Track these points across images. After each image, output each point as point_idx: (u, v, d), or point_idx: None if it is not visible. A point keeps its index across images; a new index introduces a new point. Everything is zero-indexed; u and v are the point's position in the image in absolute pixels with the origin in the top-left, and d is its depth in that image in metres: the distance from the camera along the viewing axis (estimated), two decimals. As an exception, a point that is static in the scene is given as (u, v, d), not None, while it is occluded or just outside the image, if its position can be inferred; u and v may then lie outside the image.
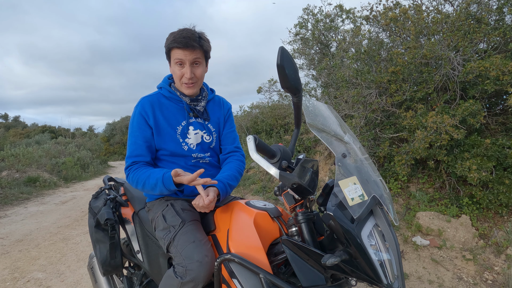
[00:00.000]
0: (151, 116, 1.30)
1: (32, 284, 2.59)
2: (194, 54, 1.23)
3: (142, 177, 1.22)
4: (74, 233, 3.99)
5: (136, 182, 1.24)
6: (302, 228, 1.00)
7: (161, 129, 1.31)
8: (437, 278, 2.56)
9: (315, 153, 5.22)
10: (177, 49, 1.22)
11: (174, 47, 1.22)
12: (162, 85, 1.39)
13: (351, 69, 4.19)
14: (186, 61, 1.23)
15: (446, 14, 3.55)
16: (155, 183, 1.18)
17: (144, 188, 1.23)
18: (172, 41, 1.22)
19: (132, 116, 1.34)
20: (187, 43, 1.20)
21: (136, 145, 1.29)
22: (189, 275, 1.05)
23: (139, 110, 1.31)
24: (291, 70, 0.89)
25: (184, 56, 1.22)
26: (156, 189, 1.19)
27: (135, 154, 1.28)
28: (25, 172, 8.44)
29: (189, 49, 1.21)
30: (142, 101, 1.32)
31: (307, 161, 0.99)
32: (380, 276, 0.82)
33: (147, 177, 1.21)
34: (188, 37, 1.20)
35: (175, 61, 1.25)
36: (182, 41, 1.19)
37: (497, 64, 2.77)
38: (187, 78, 1.26)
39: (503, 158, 2.96)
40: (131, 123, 1.33)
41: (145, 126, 1.30)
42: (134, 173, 1.24)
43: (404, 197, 3.71)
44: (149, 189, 1.21)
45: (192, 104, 1.36)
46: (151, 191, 1.22)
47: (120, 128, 29.74)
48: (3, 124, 34.53)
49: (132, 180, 1.25)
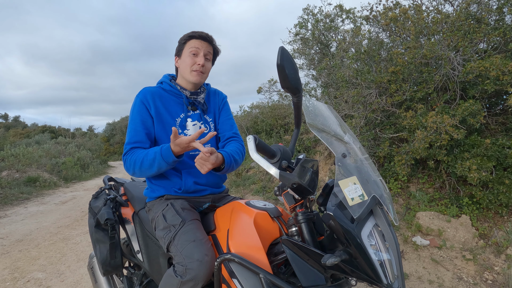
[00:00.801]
0: (152, 105, 1.33)
1: (32, 284, 2.59)
2: (209, 48, 1.38)
3: (140, 156, 1.22)
4: (74, 233, 3.99)
5: (133, 164, 1.23)
6: (302, 228, 1.00)
7: (161, 117, 1.34)
8: (437, 278, 2.56)
9: (315, 153, 5.22)
10: (195, 40, 1.35)
11: (193, 37, 1.35)
12: (163, 80, 1.44)
13: (351, 69, 4.19)
14: (201, 50, 1.35)
15: (446, 14, 3.55)
16: (153, 158, 1.18)
17: (141, 167, 1.21)
18: (191, 32, 1.36)
19: (133, 105, 1.35)
20: (206, 36, 1.36)
21: (135, 132, 1.30)
22: (189, 274, 1.05)
23: (141, 98, 1.33)
24: (291, 70, 0.89)
25: (200, 46, 1.35)
26: (154, 165, 1.18)
27: (134, 140, 1.29)
28: (25, 172, 8.44)
29: (206, 42, 1.36)
30: (143, 91, 1.36)
31: (307, 161, 0.99)
32: (380, 276, 0.82)
33: (145, 155, 1.21)
34: (206, 33, 1.37)
35: (190, 50, 1.34)
36: (202, 34, 1.35)
37: (497, 64, 2.77)
38: (199, 65, 1.34)
39: (503, 158, 2.96)
40: (132, 111, 1.34)
41: (146, 113, 1.32)
42: (131, 155, 1.25)
43: (404, 197, 3.71)
44: (146, 166, 1.20)
45: (192, 97, 1.41)
46: (148, 170, 1.21)
47: (120, 128, 29.73)
48: (3, 124, 34.53)
49: (129, 163, 1.24)
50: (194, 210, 1.31)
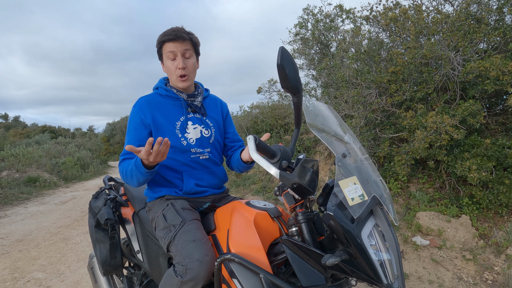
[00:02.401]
0: (149, 114, 1.31)
1: (32, 284, 2.59)
2: (184, 45, 1.30)
3: (124, 167, 1.24)
4: (74, 233, 3.99)
5: (122, 175, 1.26)
6: (302, 228, 1.00)
7: (159, 126, 1.32)
8: (437, 278, 2.56)
9: (315, 153, 5.22)
10: (168, 42, 1.30)
11: (165, 41, 1.30)
12: (158, 85, 1.43)
13: (351, 69, 4.19)
14: (177, 52, 1.30)
15: (446, 14, 3.55)
16: (131, 169, 1.19)
17: (126, 178, 1.24)
18: (162, 35, 1.30)
19: (130, 116, 1.36)
20: (177, 34, 1.28)
21: (129, 143, 1.29)
22: (189, 274, 1.05)
23: (136, 109, 1.33)
24: (291, 70, 0.89)
25: (175, 47, 1.29)
26: (134, 176, 1.19)
27: (126, 152, 1.29)
28: (25, 172, 8.44)
29: (179, 40, 1.29)
30: (139, 101, 1.35)
31: (307, 161, 0.99)
32: (380, 276, 0.82)
33: (127, 166, 1.22)
34: (177, 30, 1.29)
35: (167, 55, 1.31)
36: (172, 34, 1.28)
37: (497, 64, 2.77)
38: (180, 70, 1.31)
39: (503, 158, 2.96)
40: (129, 123, 1.35)
41: (141, 126, 1.31)
42: (121, 167, 1.27)
43: (404, 197, 3.71)
44: (129, 177, 1.22)
45: (189, 100, 1.39)
46: (132, 180, 1.22)
47: (120, 128, 29.73)
48: (3, 124, 34.52)
49: (121, 174, 1.27)
50: (194, 210, 1.31)
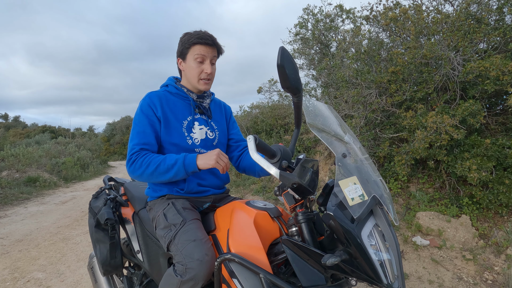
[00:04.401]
0: (159, 108, 1.31)
1: (32, 284, 2.59)
2: (214, 53, 1.33)
3: (156, 159, 1.20)
4: (74, 233, 3.99)
5: (145, 165, 1.20)
6: (302, 228, 1.00)
7: (168, 121, 1.32)
8: (437, 278, 2.56)
9: (315, 153, 5.22)
10: (201, 46, 1.29)
11: (199, 43, 1.29)
12: (168, 83, 1.43)
13: (351, 69, 4.19)
14: (208, 57, 1.31)
15: (446, 14, 3.55)
16: (174, 163, 1.17)
17: (156, 170, 1.19)
18: (198, 37, 1.28)
19: (138, 108, 1.33)
20: (213, 41, 1.30)
21: (144, 134, 1.27)
22: (189, 273, 1.05)
23: (147, 102, 1.32)
24: (291, 70, 0.89)
25: (207, 52, 1.30)
26: (172, 170, 1.17)
27: (144, 142, 1.26)
28: (25, 172, 8.44)
29: (212, 47, 1.31)
30: (149, 94, 1.35)
31: (307, 161, 0.99)
32: (380, 276, 0.82)
33: (163, 159, 1.19)
34: (211, 36, 1.31)
35: (196, 57, 1.30)
36: (208, 39, 1.29)
37: (497, 64, 2.77)
38: (206, 74, 1.32)
39: (503, 158, 2.96)
40: (138, 114, 1.31)
41: (154, 116, 1.30)
42: (145, 157, 1.22)
43: (404, 197, 3.71)
44: (162, 170, 1.19)
45: (198, 101, 1.40)
46: (161, 174, 1.20)
47: (120, 128, 29.70)
48: (3, 124, 34.51)
49: (139, 164, 1.21)
50: (195, 209, 1.32)
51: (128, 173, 1.27)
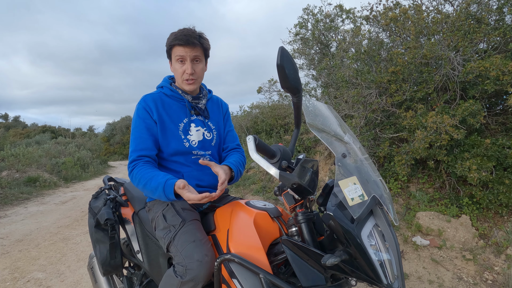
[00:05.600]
0: (155, 111, 1.31)
1: (32, 284, 2.59)
2: (195, 51, 1.28)
3: (145, 177, 1.20)
4: (74, 233, 3.99)
5: (138, 180, 1.22)
6: (302, 228, 1.00)
7: (164, 124, 1.32)
8: (437, 278, 2.56)
9: (315, 153, 5.22)
10: (178, 46, 1.27)
11: (175, 45, 1.27)
12: (163, 84, 1.42)
13: (351, 69, 4.19)
14: (187, 57, 1.28)
15: (446, 14, 3.55)
16: (156, 187, 1.16)
17: (144, 188, 1.21)
18: (173, 39, 1.27)
19: (135, 112, 1.33)
20: (188, 40, 1.25)
21: (141, 139, 1.27)
22: (189, 274, 1.05)
23: (143, 105, 1.31)
24: (291, 70, 0.89)
25: (185, 52, 1.27)
26: (156, 193, 1.17)
27: (141, 147, 1.26)
28: (25, 172, 8.44)
29: (189, 46, 1.26)
30: (144, 98, 1.34)
31: (307, 161, 0.99)
32: (380, 276, 0.82)
33: (150, 179, 1.19)
34: (189, 34, 1.26)
35: (176, 58, 1.29)
36: (183, 39, 1.25)
37: (497, 64, 2.77)
38: (188, 74, 1.30)
39: (503, 158, 2.96)
40: (135, 119, 1.32)
41: (150, 120, 1.30)
42: (139, 170, 1.22)
43: (404, 197, 3.71)
44: (149, 191, 1.20)
45: (193, 102, 1.39)
46: (150, 194, 1.22)
47: (120, 128, 29.69)
48: (3, 124, 34.48)
49: (135, 177, 1.23)
50: (194, 210, 1.31)
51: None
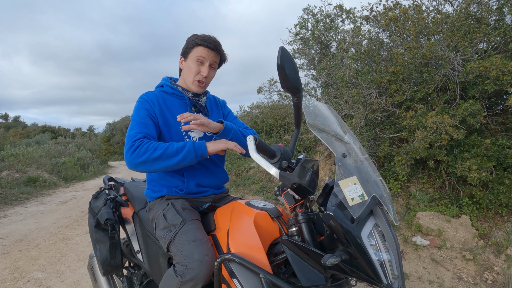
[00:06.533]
0: (157, 106, 1.31)
1: (32, 284, 2.59)
2: (216, 58, 1.35)
3: (163, 144, 1.17)
4: (74, 233, 3.99)
5: (152, 149, 1.14)
6: (302, 228, 1.00)
7: (166, 121, 1.32)
8: (437, 278, 2.56)
9: (315, 153, 5.22)
10: (203, 48, 1.31)
11: (201, 45, 1.31)
12: (163, 83, 1.42)
13: (351, 69, 4.19)
14: (207, 60, 1.32)
15: (446, 14, 3.56)
16: (182, 146, 1.16)
17: (163, 154, 1.14)
18: (201, 39, 1.31)
19: (136, 105, 1.31)
20: (216, 46, 1.32)
21: (145, 125, 1.24)
22: (189, 274, 1.05)
23: (145, 99, 1.31)
24: (291, 70, 0.89)
25: (207, 55, 1.32)
26: (181, 152, 1.15)
27: (146, 131, 1.22)
28: (25, 172, 8.44)
29: (214, 51, 1.33)
30: (146, 93, 1.34)
31: (307, 161, 0.99)
32: (380, 276, 0.82)
33: (171, 143, 1.17)
34: (216, 41, 1.33)
35: (197, 57, 1.31)
36: (212, 43, 1.31)
37: (497, 64, 2.77)
38: (202, 76, 1.33)
39: (503, 158, 2.96)
40: (137, 108, 1.29)
41: (152, 111, 1.29)
42: (150, 143, 1.16)
43: (404, 197, 3.71)
44: (170, 153, 1.14)
45: (194, 99, 1.40)
46: (168, 158, 1.14)
47: (120, 128, 29.71)
48: (3, 124, 34.48)
49: (145, 149, 1.14)
50: (195, 210, 1.31)
51: (127, 162, 1.16)
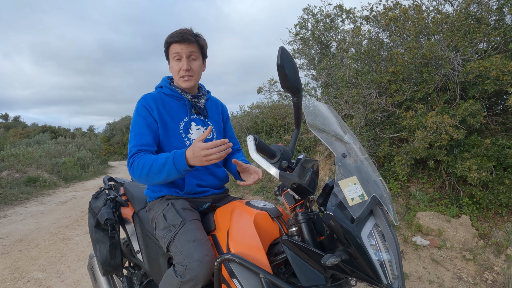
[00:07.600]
0: (155, 109, 1.31)
1: (32, 284, 2.59)
2: (190, 48, 1.31)
3: (149, 160, 1.15)
4: (74, 233, 3.99)
5: (141, 168, 1.15)
6: (302, 228, 1.00)
7: (165, 123, 1.32)
8: (437, 278, 2.56)
9: (315, 153, 5.22)
10: (174, 44, 1.30)
11: (172, 42, 1.31)
12: (162, 84, 1.42)
13: (351, 69, 4.19)
14: (183, 54, 1.31)
15: (446, 14, 3.55)
16: (164, 163, 1.11)
17: (149, 172, 1.14)
18: (169, 37, 1.31)
19: (135, 110, 1.32)
20: (183, 37, 1.28)
21: (141, 135, 1.26)
22: (189, 274, 1.05)
23: (143, 103, 1.31)
24: (291, 70, 0.89)
25: (180, 49, 1.30)
26: (164, 170, 1.11)
27: (141, 143, 1.24)
28: (25, 172, 8.44)
29: (185, 42, 1.29)
30: (144, 97, 1.34)
31: (307, 161, 0.99)
32: (380, 276, 0.82)
33: (155, 159, 1.14)
34: (184, 32, 1.30)
35: (173, 55, 1.32)
36: (179, 36, 1.28)
37: (497, 64, 2.77)
38: (184, 71, 1.32)
39: (503, 158, 2.95)
40: (135, 116, 1.30)
41: (150, 117, 1.30)
42: (140, 159, 1.17)
43: (404, 197, 3.71)
44: (155, 171, 1.13)
45: (193, 101, 1.40)
46: (156, 175, 1.14)
47: (120, 128, 29.68)
48: (3, 124, 34.47)
49: (136, 167, 1.17)
50: (195, 210, 1.31)
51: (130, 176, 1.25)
